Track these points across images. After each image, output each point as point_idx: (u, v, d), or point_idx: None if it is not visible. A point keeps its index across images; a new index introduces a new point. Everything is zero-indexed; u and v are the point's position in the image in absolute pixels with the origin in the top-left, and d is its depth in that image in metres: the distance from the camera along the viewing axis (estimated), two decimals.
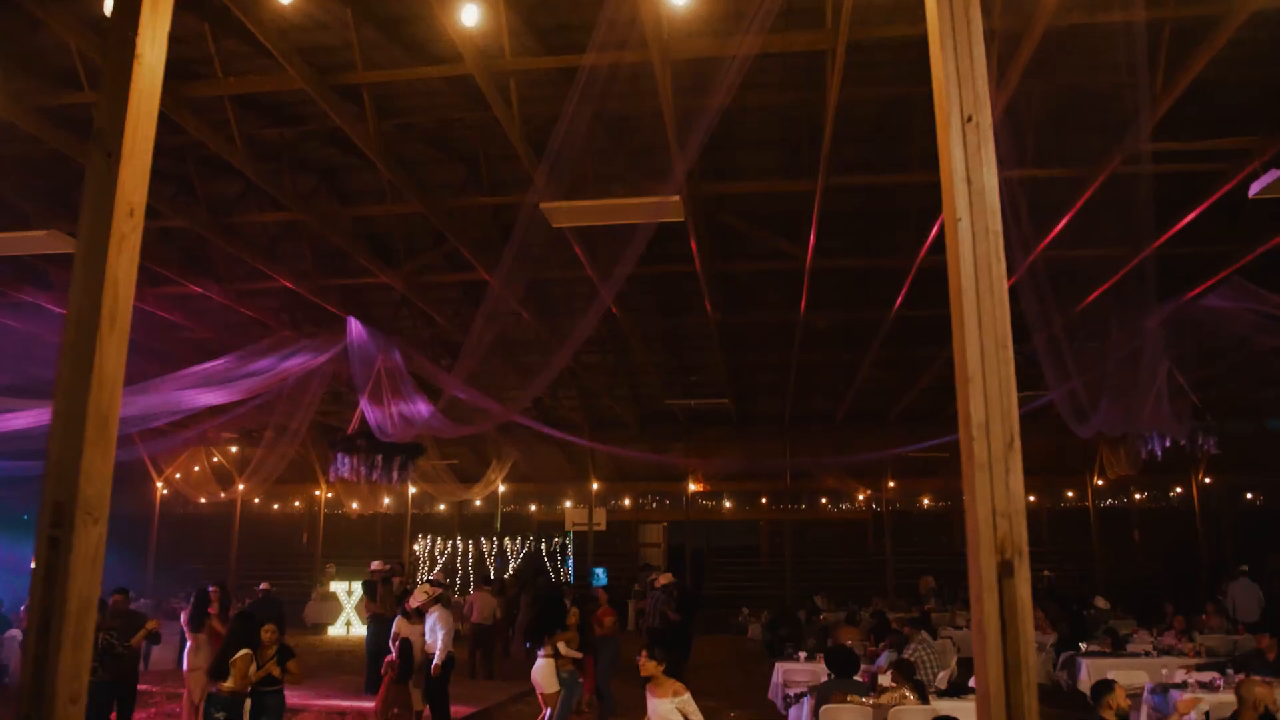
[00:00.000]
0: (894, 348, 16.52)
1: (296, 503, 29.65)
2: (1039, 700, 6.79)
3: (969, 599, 9.46)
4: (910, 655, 9.76)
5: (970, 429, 2.27)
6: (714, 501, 29.12)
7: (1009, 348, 2.32)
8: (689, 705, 5.82)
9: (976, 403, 2.27)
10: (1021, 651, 2.14)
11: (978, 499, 2.22)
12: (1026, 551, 2.20)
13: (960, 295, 2.36)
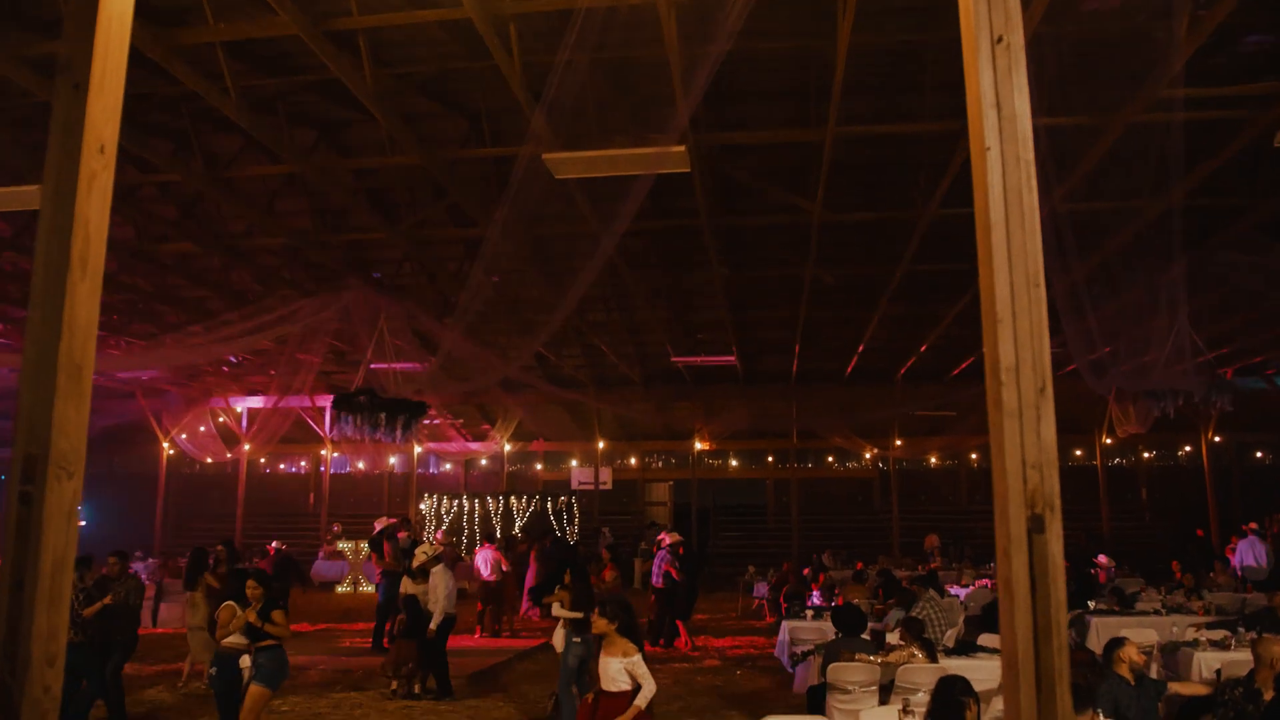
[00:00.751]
0: (902, 304, 16.31)
1: (303, 462, 29.69)
2: None
3: (976, 557, 9.33)
4: (918, 613, 9.69)
5: (999, 374, 2.10)
6: (720, 460, 29.10)
7: (1041, 286, 2.14)
8: (638, 667, 5.67)
9: (1006, 345, 2.10)
10: (1053, 613, 1.99)
11: (1006, 449, 2.06)
12: (1059, 506, 2.04)
13: (989, 230, 2.17)
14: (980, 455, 27.68)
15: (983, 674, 8.41)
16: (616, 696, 5.67)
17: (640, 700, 5.60)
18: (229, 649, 7.17)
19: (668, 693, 10.71)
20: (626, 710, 5.57)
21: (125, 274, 15.50)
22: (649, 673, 5.69)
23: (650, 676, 5.69)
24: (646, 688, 5.63)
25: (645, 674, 5.67)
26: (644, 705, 5.60)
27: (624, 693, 5.66)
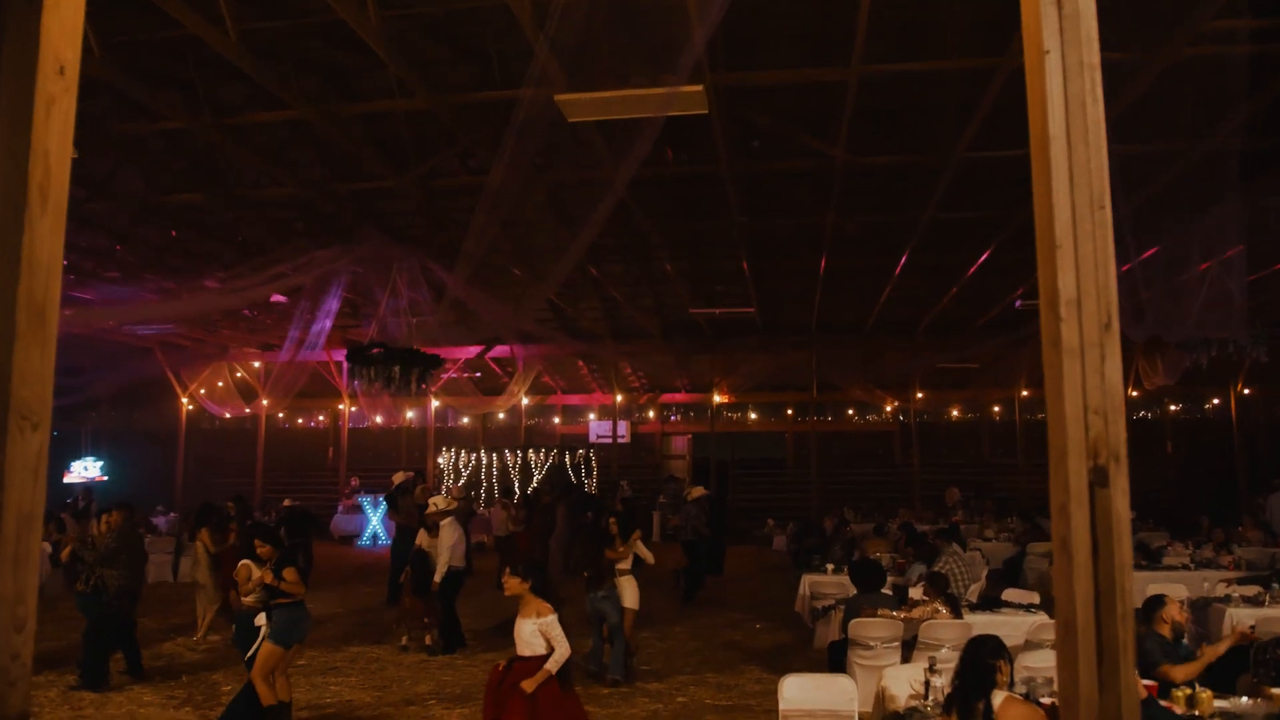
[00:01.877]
0: (926, 253, 15.92)
1: (320, 417, 29.73)
2: None
3: (998, 511, 9.01)
4: (941, 567, 9.49)
5: (1057, 307, 1.85)
6: (739, 413, 28.89)
7: (1107, 208, 1.88)
8: (552, 629, 5.36)
9: (1066, 275, 1.85)
10: (1117, 576, 1.75)
11: (1066, 392, 1.81)
12: (1125, 457, 1.79)
13: (1046, 144, 1.91)
14: (1003, 409, 27.34)
15: (1008, 630, 8.23)
16: (530, 660, 5.35)
17: (551, 664, 5.28)
18: (247, 608, 7.09)
19: (685, 647, 10.62)
20: (537, 674, 5.27)
21: (138, 227, 15.37)
22: (563, 635, 5.38)
23: (564, 639, 5.38)
24: (559, 650, 5.32)
25: (558, 636, 5.35)
26: (554, 669, 5.27)
27: (538, 656, 5.34)
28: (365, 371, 12.94)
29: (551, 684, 5.33)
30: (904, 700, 5.40)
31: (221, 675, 9.15)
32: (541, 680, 5.25)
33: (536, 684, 5.22)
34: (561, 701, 5.36)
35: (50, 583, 14.56)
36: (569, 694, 5.51)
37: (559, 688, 5.41)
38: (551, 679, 5.31)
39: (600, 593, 8.96)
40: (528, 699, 5.20)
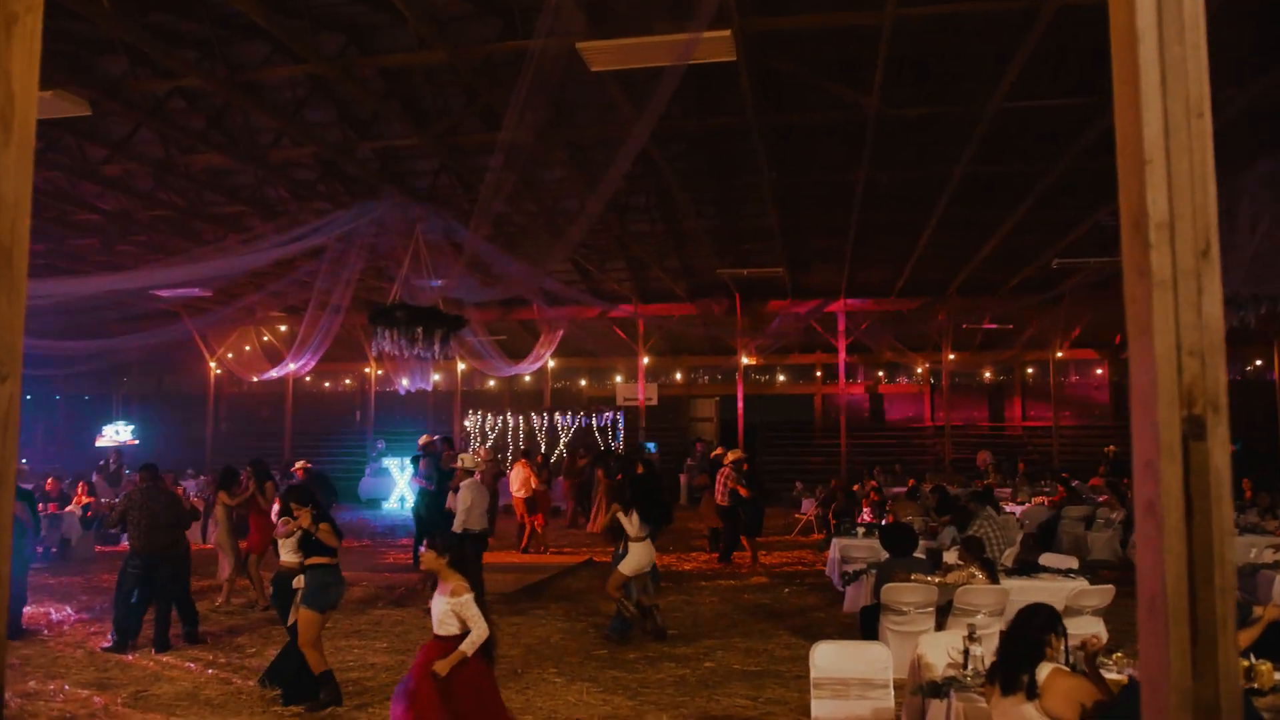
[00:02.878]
0: (960, 210, 15.48)
1: (347, 380, 29.77)
2: (1104, 576, 6.10)
3: (1031, 474, 8.62)
4: (976, 531, 9.24)
5: (1145, 232, 1.59)
6: (767, 375, 28.61)
7: (1206, 116, 1.61)
8: (467, 608, 4.93)
9: (1157, 194, 1.58)
10: (1215, 543, 1.50)
11: (1155, 329, 1.55)
12: (1225, 405, 1.54)
13: (1133, 41, 1.63)
14: (1037, 371, 26.86)
15: (1046, 596, 7.96)
16: (445, 640, 4.96)
17: (466, 645, 4.88)
18: (285, 568, 7.00)
19: (714, 610, 10.47)
20: (450, 655, 4.87)
21: (161, 191, 15.27)
22: (479, 615, 4.94)
23: (481, 619, 4.93)
24: (475, 631, 4.90)
25: (474, 616, 4.91)
26: (470, 651, 4.87)
27: (454, 636, 4.94)
28: (388, 333, 12.79)
29: (470, 666, 4.92)
30: (941, 669, 5.18)
31: (246, 638, 9.11)
32: (455, 662, 4.83)
33: (449, 666, 4.81)
34: (479, 685, 4.95)
35: (81, 544, 14.66)
36: (487, 675, 5.09)
37: (481, 670, 5.01)
38: (468, 661, 4.90)
39: (619, 550, 8.88)
40: (440, 682, 4.81)
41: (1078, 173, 12.98)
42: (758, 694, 7.13)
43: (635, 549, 8.84)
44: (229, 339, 25.80)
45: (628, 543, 8.80)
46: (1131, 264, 1.62)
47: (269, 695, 7.13)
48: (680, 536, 16.53)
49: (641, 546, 8.87)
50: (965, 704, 4.44)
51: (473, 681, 4.94)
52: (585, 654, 8.44)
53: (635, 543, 8.83)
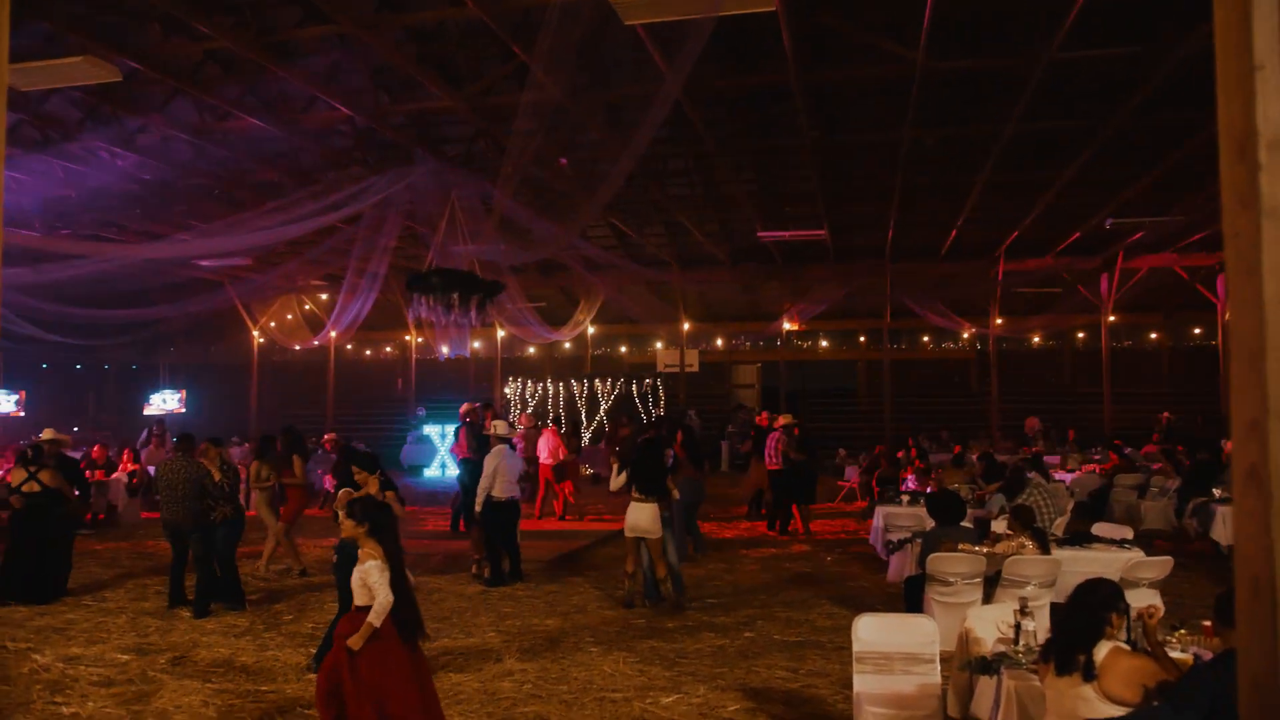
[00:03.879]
0: (1008, 169, 15.00)
1: (388, 348, 29.90)
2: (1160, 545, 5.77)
3: (1082, 441, 8.18)
4: (1026, 500, 8.93)
5: (1253, 152, 1.34)
6: (810, 341, 28.24)
7: None
8: (369, 575, 4.68)
9: (1269, 105, 1.33)
10: None
11: (1265, 267, 1.31)
12: None
13: None
14: (1088, 335, 26.19)
15: (1099, 567, 7.69)
16: (363, 612, 4.70)
17: (372, 616, 4.61)
18: (349, 536, 6.87)
19: (755, 579, 10.30)
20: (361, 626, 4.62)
21: (200, 160, 15.26)
22: (383, 581, 4.67)
23: (385, 586, 4.65)
24: (378, 601, 4.63)
25: (377, 583, 4.65)
26: (376, 622, 4.60)
27: (368, 608, 4.68)
28: (425, 299, 12.69)
29: (384, 640, 4.66)
30: (990, 644, 4.95)
31: (284, 605, 9.11)
32: (366, 635, 4.60)
33: (359, 640, 4.59)
34: (387, 660, 4.66)
35: (127, 511, 14.86)
36: (404, 651, 4.76)
37: (397, 643, 4.72)
38: (381, 633, 4.65)
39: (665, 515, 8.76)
40: (350, 655, 4.60)
41: (1133, 127, 12.46)
42: (798, 665, 6.96)
43: (631, 508, 8.71)
44: (271, 308, 25.98)
45: None
46: (1233, 192, 1.37)
47: (303, 664, 7.08)
48: (722, 504, 16.37)
49: (638, 507, 8.70)
50: (1017, 682, 4.21)
51: (387, 657, 4.66)
52: (623, 623, 8.31)
53: (633, 501, 8.68)
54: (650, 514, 8.68)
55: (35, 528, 9.30)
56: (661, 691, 6.36)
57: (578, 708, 6.05)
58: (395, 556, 4.84)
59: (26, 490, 9.28)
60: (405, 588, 4.81)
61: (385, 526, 4.94)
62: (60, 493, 9.31)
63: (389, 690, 4.60)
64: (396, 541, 4.98)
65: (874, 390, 26.92)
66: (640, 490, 8.77)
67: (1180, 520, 12.31)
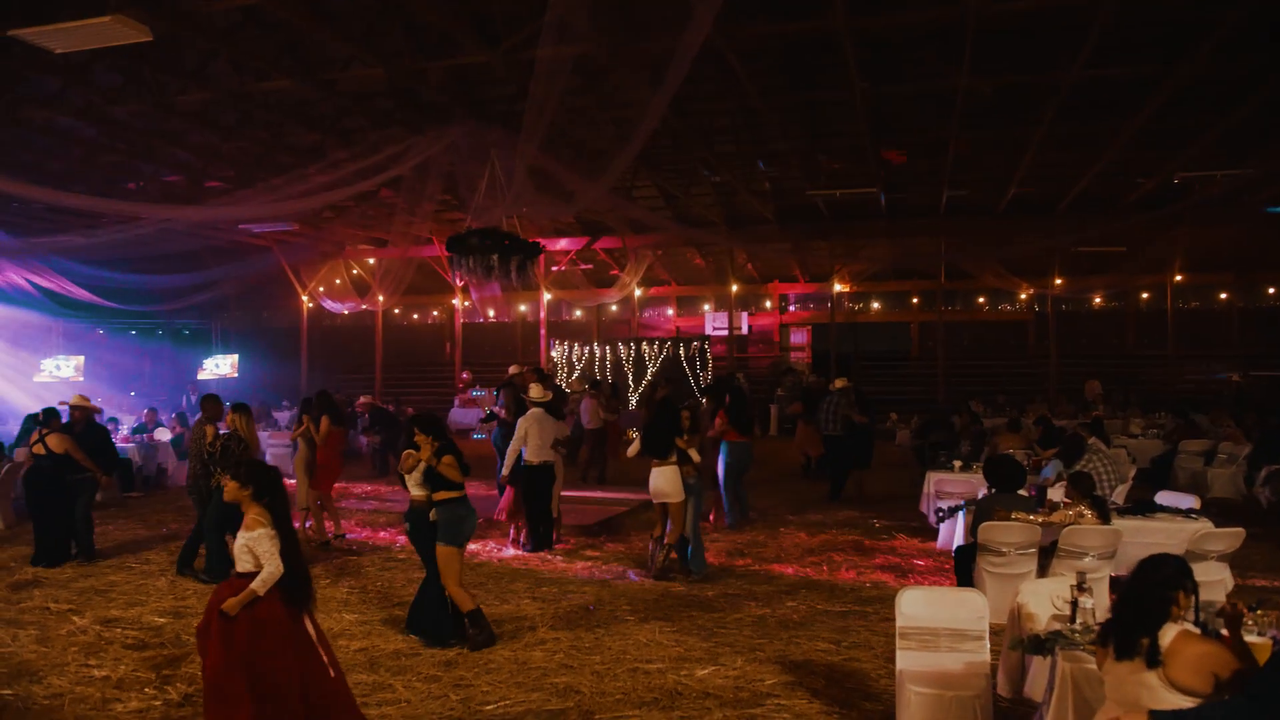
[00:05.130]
0: (1071, 120, 14.33)
1: (435, 312, 29.94)
2: (1227, 515, 5.32)
3: (1145, 405, 7.68)
4: (1085, 466, 8.53)
5: None
6: (861, 303, 27.64)
7: None
8: (260, 543, 4.46)
9: None
10: None
11: None
12: None
13: None
14: (1152, 295, 25.25)
15: (1163, 538, 7.30)
16: (243, 578, 4.49)
17: (257, 584, 4.39)
18: (415, 503, 6.74)
19: (801, 545, 10.03)
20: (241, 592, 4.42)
21: (244, 125, 15.21)
22: (273, 551, 4.46)
23: (274, 556, 4.45)
24: (265, 570, 4.42)
25: (266, 552, 4.45)
26: (261, 590, 4.38)
27: (250, 574, 4.47)
28: (464, 261, 12.51)
29: (263, 607, 4.45)
30: (1045, 621, 4.63)
31: (320, 569, 9.03)
32: (244, 600, 4.39)
33: (237, 605, 4.39)
34: (266, 630, 4.44)
35: (176, 473, 15.02)
36: (288, 621, 4.54)
37: (279, 612, 4.50)
38: (262, 601, 4.44)
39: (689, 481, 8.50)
40: (224, 622, 4.40)
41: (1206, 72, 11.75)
42: (841, 638, 6.68)
43: (651, 472, 8.47)
44: (319, 273, 26.10)
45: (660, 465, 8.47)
46: None
47: (335, 630, 6.99)
48: (770, 468, 16.09)
49: (655, 470, 8.44)
50: (1072, 664, 3.90)
51: (267, 624, 4.44)
52: (663, 590, 8.11)
53: (653, 465, 8.44)
54: (666, 476, 8.41)
55: (37, 493, 9.37)
56: (697, 663, 6.14)
57: (610, 679, 5.86)
58: (285, 522, 4.64)
59: (36, 454, 9.34)
60: (296, 555, 4.62)
61: (273, 490, 4.69)
62: (69, 458, 9.23)
63: (264, 662, 4.39)
64: (286, 506, 4.75)
65: (927, 353, 26.31)
66: (647, 451, 8.55)
67: (1250, 489, 11.78)
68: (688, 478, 8.50)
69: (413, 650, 6.47)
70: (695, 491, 8.58)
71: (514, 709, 5.40)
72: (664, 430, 8.51)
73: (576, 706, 5.42)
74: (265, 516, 4.57)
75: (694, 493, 8.55)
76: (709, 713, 5.31)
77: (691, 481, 8.53)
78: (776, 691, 5.64)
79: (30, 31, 9.00)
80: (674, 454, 8.41)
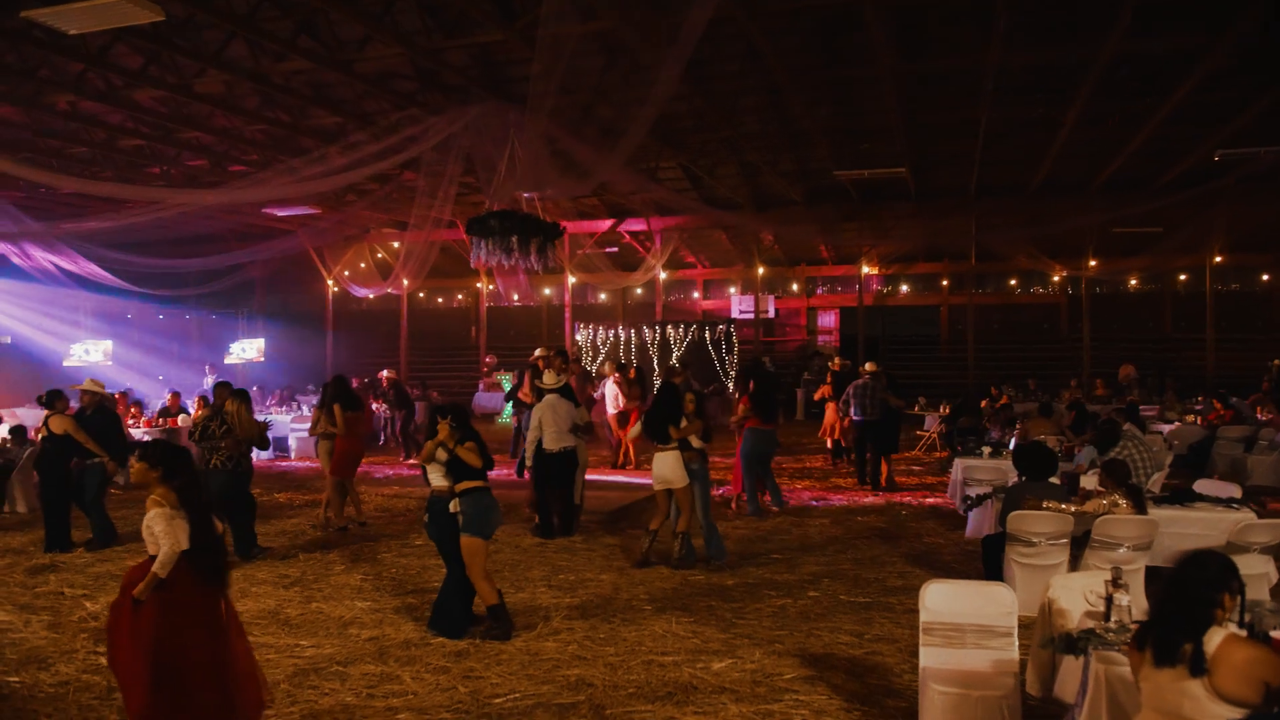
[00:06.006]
0: (1105, 98, 13.90)
1: (460, 295, 29.86)
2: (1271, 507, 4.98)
3: (1181, 390, 7.32)
4: (1120, 453, 8.22)
5: None
6: (890, 286, 27.23)
7: None
8: (157, 522, 4.32)
9: None
10: None
11: None
12: None
13: None
14: (1190, 277, 24.64)
15: (1202, 528, 7.04)
16: (148, 562, 4.37)
17: (157, 566, 4.25)
18: (437, 493, 6.58)
19: (824, 533, 9.81)
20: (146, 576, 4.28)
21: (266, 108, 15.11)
22: (169, 530, 4.31)
23: (170, 534, 4.29)
24: (163, 550, 4.27)
25: (163, 531, 4.29)
26: (162, 572, 4.24)
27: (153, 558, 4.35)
28: (484, 243, 12.35)
29: (173, 588, 4.30)
30: (1077, 617, 4.39)
31: (336, 554, 8.97)
32: (149, 584, 4.26)
33: (143, 589, 4.26)
34: (173, 612, 4.30)
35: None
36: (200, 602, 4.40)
37: (190, 594, 4.36)
38: (169, 583, 4.29)
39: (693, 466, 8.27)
40: (131, 606, 4.28)
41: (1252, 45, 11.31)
42: (864, 630, 6.47)
43: (654, 457, 8.25)
44: (344, 257, 26.07)
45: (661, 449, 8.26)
46: None
47: (347, 618, 6.89)
48: (796, 453, 15.87)
49: (658, 456, 8.23)
50: (1107, 666, 3.66)
51: (176, 606, 4.30)
52: (681, 579, 7.93)
53: (657, 452, 8.23)
54: (668, 462, 8.18)
55: (41, 476, 9.46)
56: (714, 655, 5.95)
57: (623, 671, 5.69)
58: (194, 503, 4.49)
59: (41, 437, 9.34)
60: (208, 534, 4.48)
61: (180, 472, 4.56)
62: (70, 439, 9.15)
63: (171, 645, 4.27)
64: (195, 487, 4.61)
65: (957, 336, 25.87)
66: (647, 435, 8.37)
67: None
68: (690, 463, 8.26)
69: (423, 640, 6.34)
70: (700, 477, 8.31)
71: (523, 702, 5.25)
72: (665, 414, 8.29)
73: (588, 700, 5.25)
74: (168, 496, 4.44)
75: (698, 478, 8.30)
76: (724, 708, 5.12)
77: (695, 467, 8.28)
78: (795, 686, 5.45)
79: (44, 13, 8.92)
80: (676, 439, 8.22)
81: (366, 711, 5.17)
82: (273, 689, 5.48)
